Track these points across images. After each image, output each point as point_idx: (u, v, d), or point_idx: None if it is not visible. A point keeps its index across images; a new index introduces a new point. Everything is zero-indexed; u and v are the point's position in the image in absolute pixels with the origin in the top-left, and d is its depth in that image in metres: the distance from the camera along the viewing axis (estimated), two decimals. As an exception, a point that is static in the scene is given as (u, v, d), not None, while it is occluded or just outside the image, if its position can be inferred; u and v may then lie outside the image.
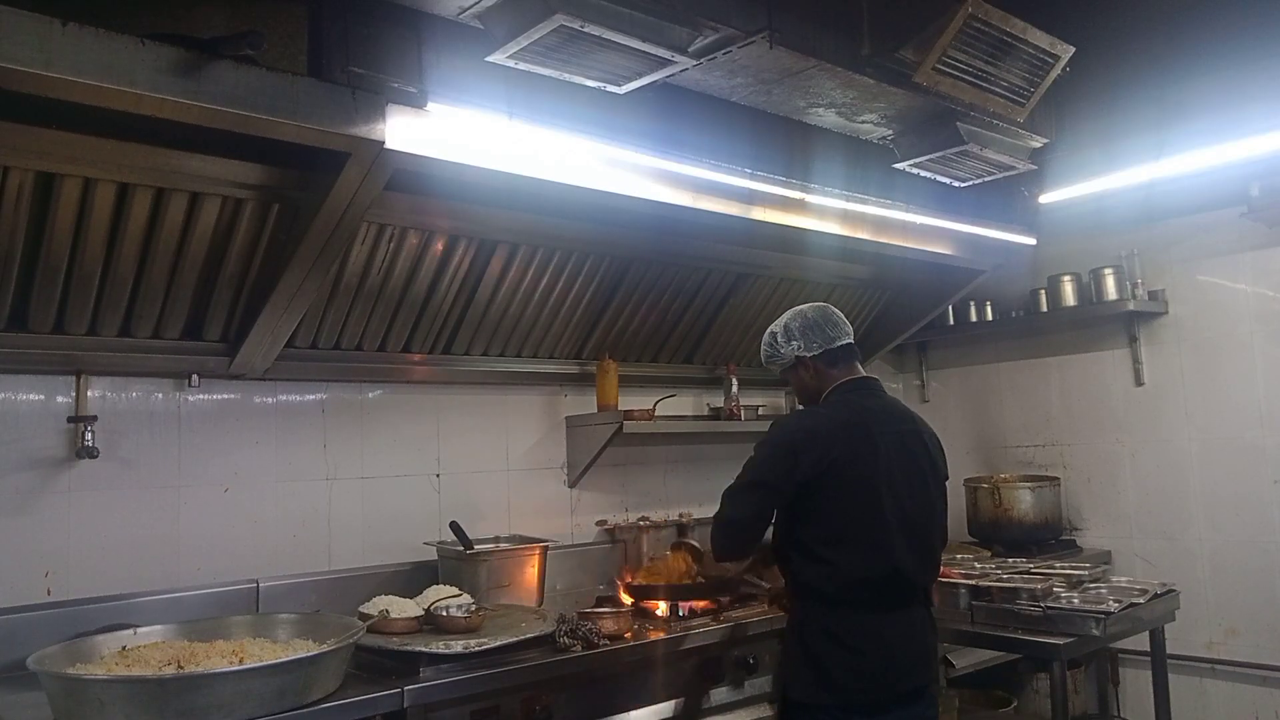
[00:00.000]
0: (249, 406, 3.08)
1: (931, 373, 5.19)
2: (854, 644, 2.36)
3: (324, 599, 3.05)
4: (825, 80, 2.95)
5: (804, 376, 2.64)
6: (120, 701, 1.94)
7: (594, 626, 2.72)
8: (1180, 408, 4.16)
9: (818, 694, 2.37)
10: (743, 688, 2.99)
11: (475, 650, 2.46)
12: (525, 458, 3.73)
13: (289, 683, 2.09)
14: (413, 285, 3.11)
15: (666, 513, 4.05)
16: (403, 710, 2.29)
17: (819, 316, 2.63)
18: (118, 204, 2.40)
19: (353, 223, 2.55)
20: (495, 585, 3.05)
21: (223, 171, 2.47)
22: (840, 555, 2.40)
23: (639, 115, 2.86)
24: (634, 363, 3.96)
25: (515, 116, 2.59)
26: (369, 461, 3.32)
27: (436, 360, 3.40)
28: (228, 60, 2.04)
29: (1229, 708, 3.99)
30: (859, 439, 2.45)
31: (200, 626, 2.50)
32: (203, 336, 2.84)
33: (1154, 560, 4.18)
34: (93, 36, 1.88)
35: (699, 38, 2.49)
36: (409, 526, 3.34)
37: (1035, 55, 3.07)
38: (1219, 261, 4.06)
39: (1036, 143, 3.63)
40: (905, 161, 3.47)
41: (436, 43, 2.50)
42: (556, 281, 3.45)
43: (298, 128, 2.17)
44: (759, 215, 3.24)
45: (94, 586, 2.72)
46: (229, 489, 3.02)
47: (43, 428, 2.71)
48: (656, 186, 2.95)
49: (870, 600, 2.38)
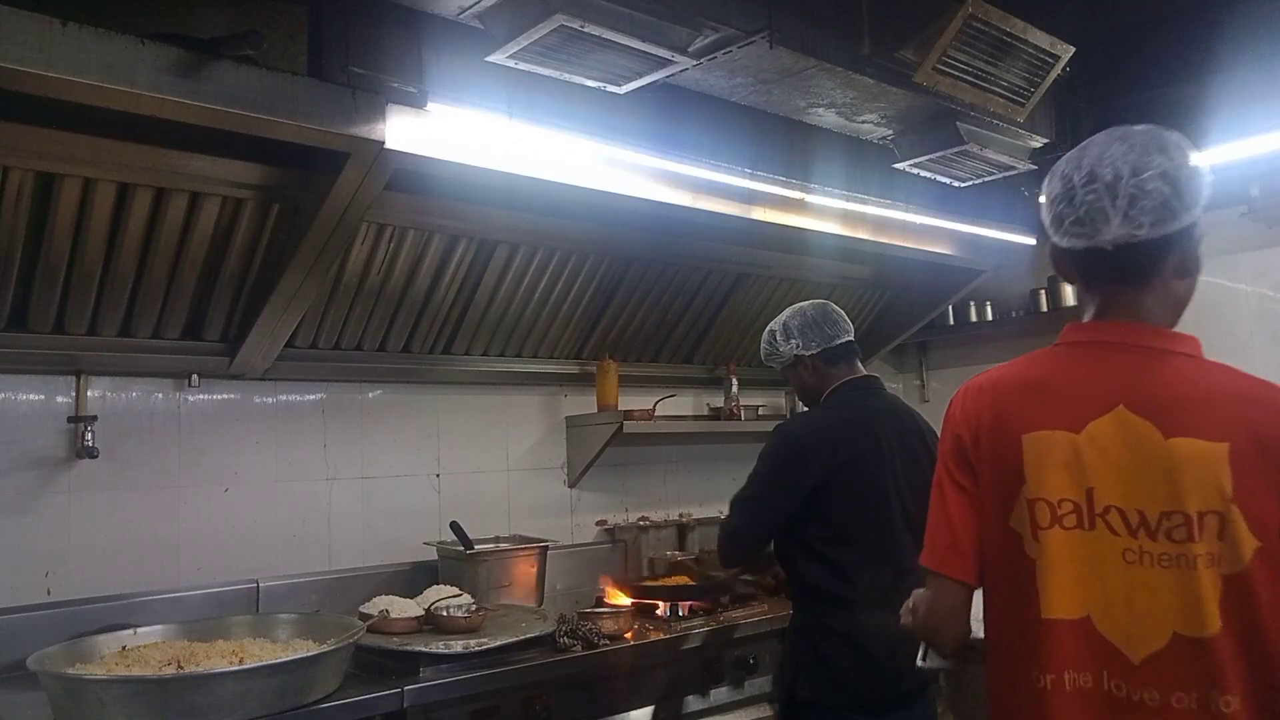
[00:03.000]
0: (249, 406, 3.08)
1: (931, 373, 5.19)
2: (860, 643, 2.37)
3: (324, 599, 3.05)
4: (825, 80, 2.95)
5: (804, 375, 2.64)
6: (120, 701, 1.94)
7: (594, 626, 2.72)
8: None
9: (824, 694, 2.37)
10: (743, 688, 2.99)
11: (475, 650, 2.46)
12: (525, 458, 3.73)
13: (289, 683, 2.09)
14: (413, 285, 3.11)
15: (666, 513, 4.05)
16: (403, 710, 2.29)
17: (818, 314, 2.63)
18: (118, 204, 2.40)
19: (353, 223, 2.55)
20: (495, 585, 3.05)
21: (223, 171, 2.47)
22: (846, 555, 2.40)
23: (639, 115, 2.86)
24: (634, 363, 3.96)
25: (515, 116, 2.59)
26: (369, 461, 3.32)
27: (436, 360, 3.40)
28: (228, 60, 2.04)
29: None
30: (864, 439, 2.46)
31: (200, 626, 2.50)
32: (203, 336, 2.84)
33: (1154, 560, 4.17)
34: (93, 36, 1.88)
35: (699, 38, 2.49)
36: (409, 526, 3.34)
37: (1035, 55, 3.07)
38: (1219, 261, 4.05)
39: (1036, 143, 3.63)
40: (905, 161, 3.46)
41: (436, 43, 2.50)
42: (556, 281, 3.45)
43: (298, 128, 2.17)
44: (759, 215, 3.24)
45: (94, 586, 2.72)
46: (229, 489, 3.02)
47: (43, 428, 2.71)
48: (656, 186, 2.95)
49: (875, 599, 2.38)
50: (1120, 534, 1.31)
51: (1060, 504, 1.35)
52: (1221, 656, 1.23)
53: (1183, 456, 1.28)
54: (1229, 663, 1.23)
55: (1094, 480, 1.33)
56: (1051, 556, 1.34)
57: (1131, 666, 1.28)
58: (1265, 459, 1.26)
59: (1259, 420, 1.29)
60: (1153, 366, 1.37)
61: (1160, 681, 1.26)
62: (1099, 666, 1.30)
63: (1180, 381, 1.35)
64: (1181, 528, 1.27)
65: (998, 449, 1.43)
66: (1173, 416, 1.31)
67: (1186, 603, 1.26)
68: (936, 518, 1.51)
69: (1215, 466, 1.26)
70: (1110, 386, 1.36)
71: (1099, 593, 1.32)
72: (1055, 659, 1.32)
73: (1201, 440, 1.28)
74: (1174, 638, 1.26)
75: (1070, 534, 1.34)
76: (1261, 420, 1.29)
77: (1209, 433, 1.28)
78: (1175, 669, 1.26)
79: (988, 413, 1.46)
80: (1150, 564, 1.28)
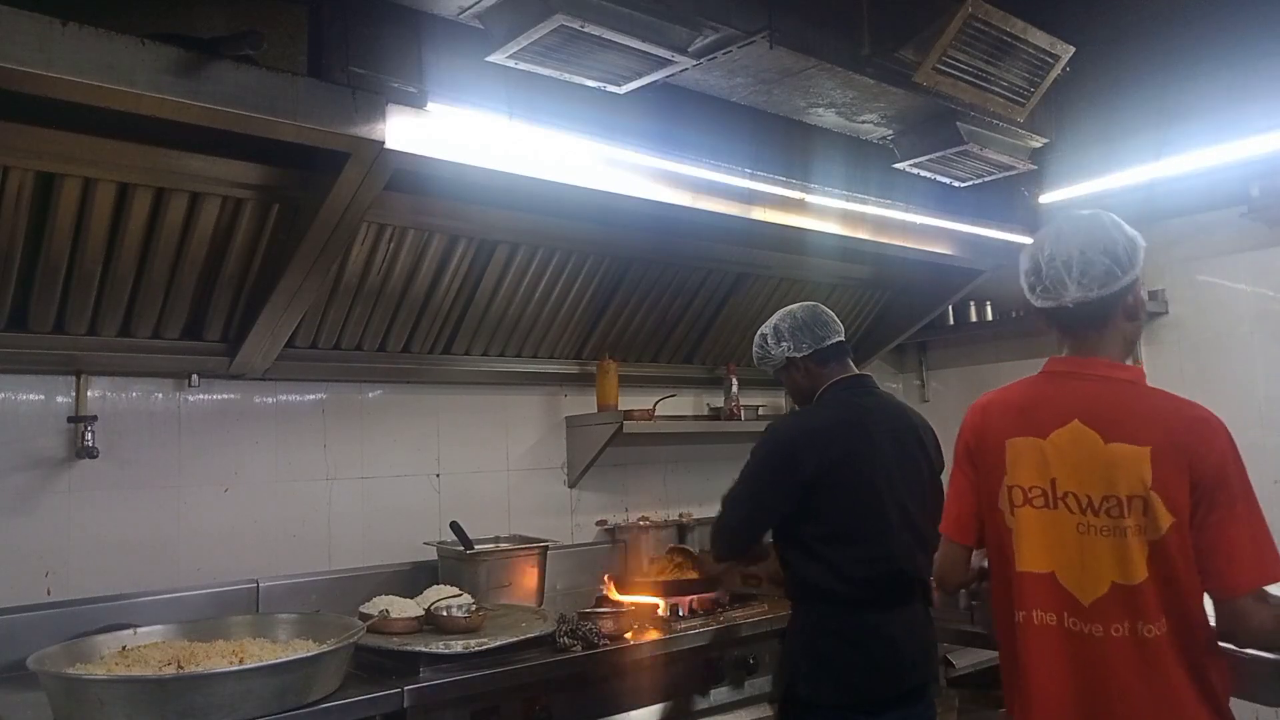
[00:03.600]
0: (249, 406, 3.08)
1: (931, 373, 5.19)
2: (859, 642, 2.37)
3: (324, 599, 3.05)
4: (825, 80, 2.95)
5: (796, 377, 2.65)
6: (120, 701, 1.94)
7: (594, 626, 2.72)
8: (1180, 408, 4.15)
9: (824, 693, 2.37)
10: (743, 688, 2.99)
11: (475, 650, 2.46)
12: (525, 458, 3.73)
13: (289, 683, 2.09)
14: (413, 285, 3.11)
15: (666, 513, 4.05)
16: (403, 710, 2.29)
17: (808, 316, 2.63)
18: (118, 204, 2.40)
19: (353, 223, 2.55)
20: (495, 585, 3.05)
21: (223, 171, 2.47)
22: (841, 553, 2.40)
23: (639, 115, 2.86)
24: (634, 363, 3.96)
25: (515, 116, 2.59)
26: (369, 461, 3.32)
27: (436, 360, 3.40)
28: (228, 60, 2.04)
29: (1229, 708, 3.98)
30: (857, 437, 2.46)
31: (200, 626, 2.49)
32: (203, 336, 2.84)
33: (1154, 560, 4.18)
34: (93, 36, 1.88)
35: (699, 38, 2.49)
36: (409, 526, 3.34)
37: (1035, 55, 3.08)
38: (1219, 261, 4.06)
39: (1036, 143, 3.63)
40: (905, 161, 3.47)
41: (436, 43, 2.50)
42: (556, 281, 3.45)
43: (298, 128, 2.17)
44: (759, 215, 3.24)
45: (94, 586, 2.72)
46: (229, 489, 3.02)
47: (43, 428, 2.71)
48: (656, 186, 2.95)
49: (873, 598, 2.39)
50: (1074, 512, 1.81)
51: (1030, 489, 1.86)
52: (1146, 597, 1.73)
53: (1118, 456, 1.78)
54: (1152, 601, 1.73)
55: (1055, 473, 1.84)
56: (1024, 527, 1.86)
57: (1083, 607, 1.78)
58: (1178, 458, 1.73)
59: (1175, 430, 1.76)
60: (1102, 391, 1.86)
61: (1104, 618, 1.76)
62: (1060, 608, 1.81)
63: (1121, 402, 1.84)
64: (1116, 507, 1.77)
65: (989, 450, 1.94)
66: (1111, 427, 1.80)
67: (1121, 560, 1.75)
68: (949, 498, 2.06)
69: (1140, 464, 1.75)
70: (1070, 406, 1.86)
71: (1060, 555, 1.82)
72: (1027, 600, 1.84)
73: (1130, 445, 1.77)
74: (1113, 586, 1.76)
75: (1039, 512, 1.85)
76: (1177, 430, 1.76)
77: (1137, 439, 1.76)
78: (1113, 608, 1.75)
79: (983, 425, 1.99)
80: (1095, 534, 1.79)
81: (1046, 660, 1.81)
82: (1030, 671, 1.82)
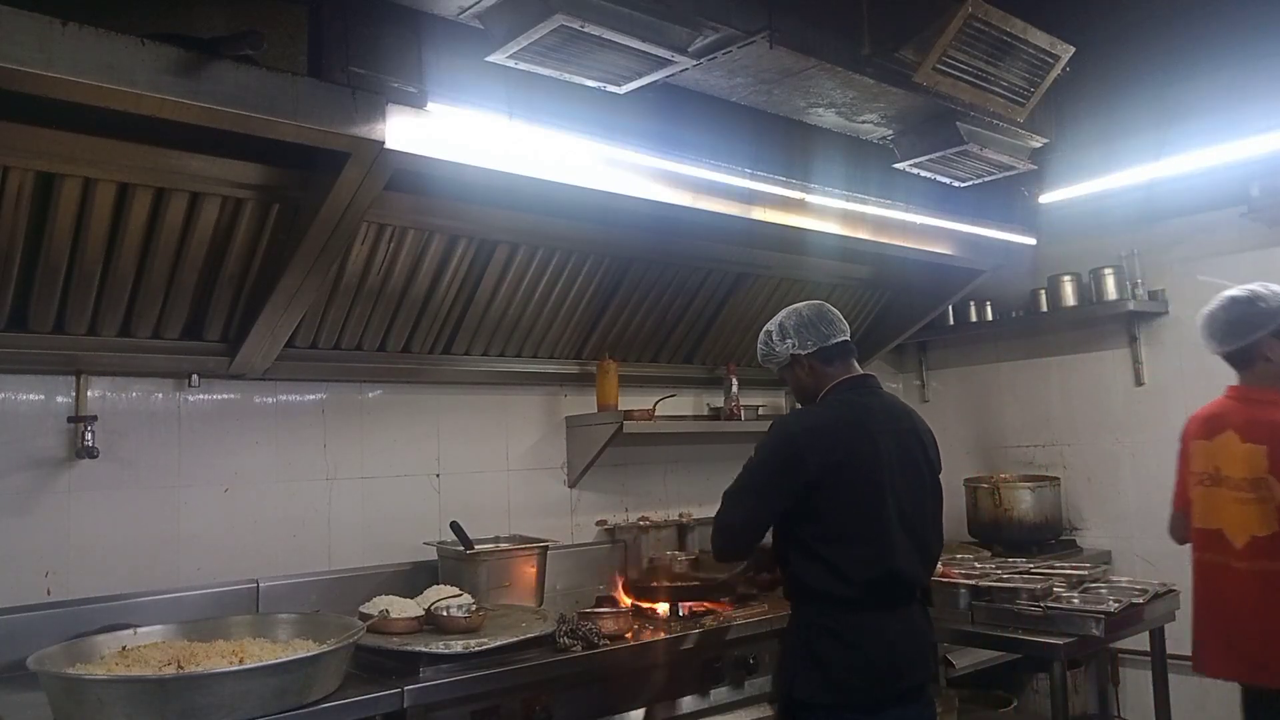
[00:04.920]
0: (249, 406, 3.08)
1: (931, 373, 5.19)
2: (857, 642, 2.36)
3: (324, 599, 3.05)
4: (825, 80, 2.95)
5: (800, 375, 2.64)
6: (120, 701, 1.94)
7: (594, 626, 2.72)
8: (1180, 408, 4.10)
9: (821, 693, 2.37)
10: (743, 688, 2.99)
11: (475, 650, 2.46)
12: (525, 458, 3.73)
13: (289, 683, 2.09)
14: (413, 285, 3.11)
15: (666, 513, 4.05)
16: (403, 710, 2.29)
17: (814, 314, 2.62)
18: (118, 204, 2.41)
19: (353, 223, 2.55)
20: (495, 585, 3.05)
21: (223, 171, 2.47)
22: (841, 554, 2.40)
23: (639, 115, 2.86)
24: (634, 363, 3.96)
25: (515, 116, 2.59)
26: (369, 461, 3.32)
27: (436, 360, 3.40)
28: (228, 60, 2.04)
29: (1229, 708, 3.96)
30: (860, 438, 2.45)
31: (200, 626, 2.50)
32: (203, 336, 2.84)
33: (1154, 560, 4.17)
34: (93, 36, 1.88)
35: (699, 38, 2.49)
36: (409, 526, 3.34)
37: (1035, 55, 3.08)
38: (1219, 261, 4.06)
39: (1036, 143, 3.63)
40: (905, 161, 3.46)
41: (436, 43, 2.50)
42: (556, 281, 3.45)
43: (298, 128, 2.17)
44: (759, 215, 3.24)
45: (94, 586, 2.72)
46: (229, 489, 3.02)
47: (43, 428, 2.71)
48: (656, 186, 2.95)
49: (871, 599, 2.38)
50: (1230, 490, 2.79)
51: (1202, 474, 2.89)
52: (1276, 544, 2.67)
53: (1250, 452, 2.74)
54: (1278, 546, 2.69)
55: (1218, 463, 2.84)
56: (1197, 499, 2.91)
57: (1236, 550, 2.76)
58: None
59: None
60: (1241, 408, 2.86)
61: (1249, 558, 2.73)
62: (1221, 551, 2.81)
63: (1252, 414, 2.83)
64: (1251, 485, 2.73)
65: (1185, 449, 3.01)
66: (1247, 432, 2.78)
67: (1259, 520, 2.71)
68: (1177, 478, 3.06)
69: (1261, 457, 2.71)
70: (1226, 418, 2.86)
71: (1221, 516, 2.81)
72: (1198, 547, 2.90)
73: (1256, 444, 2.72)
74: (1252, 538, 2.72)
75: (1206, 489, 2.88)
76: None
77: (1259, 440, 2.72)
78: (1253, 552, 2.72)
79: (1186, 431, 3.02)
80: (1242, 504, 2.74)
81: (1212, 584, 2.84)
82: (1197, 590, 2.90)
